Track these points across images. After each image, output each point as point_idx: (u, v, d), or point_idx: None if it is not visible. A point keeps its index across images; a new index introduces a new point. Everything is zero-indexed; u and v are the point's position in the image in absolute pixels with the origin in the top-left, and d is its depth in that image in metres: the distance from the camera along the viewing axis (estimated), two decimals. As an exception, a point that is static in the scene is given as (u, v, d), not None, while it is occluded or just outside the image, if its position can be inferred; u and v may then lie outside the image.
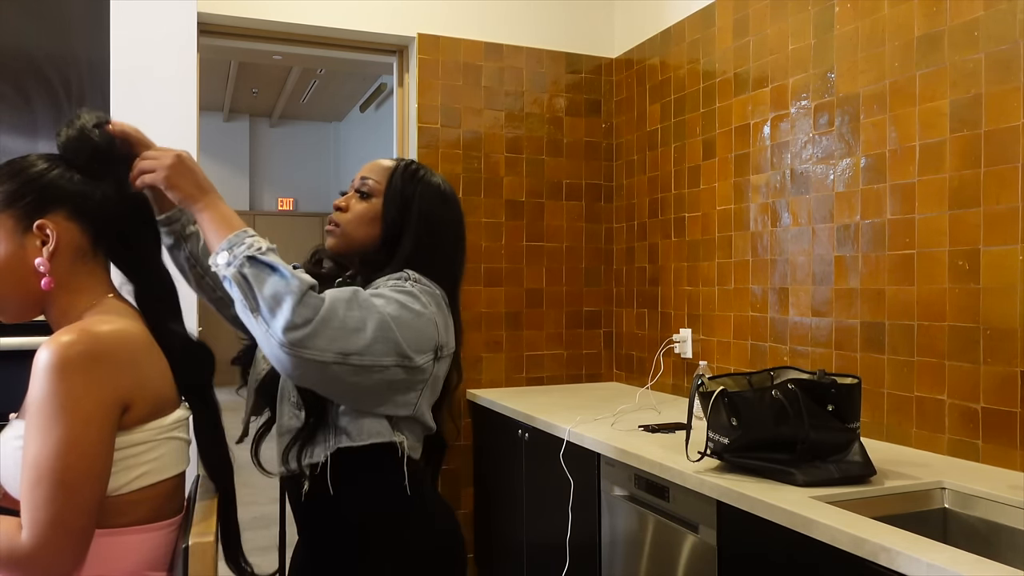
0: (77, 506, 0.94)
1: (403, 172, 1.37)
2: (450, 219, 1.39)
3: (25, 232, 1.06)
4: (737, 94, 2.50)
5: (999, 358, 1.68)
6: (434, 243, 1.34)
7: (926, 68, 1.85)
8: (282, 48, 2.98)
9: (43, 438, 0.94)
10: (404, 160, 1.40)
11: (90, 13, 2.07)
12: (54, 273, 1.06)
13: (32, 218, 1.06)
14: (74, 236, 1.08)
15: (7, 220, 1.06)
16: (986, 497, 1.50)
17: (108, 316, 1.06)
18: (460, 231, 1.41)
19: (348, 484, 1.25)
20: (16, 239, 1.05)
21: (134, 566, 1.04)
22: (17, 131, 2.01)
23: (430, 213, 1.35)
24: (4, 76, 2.00)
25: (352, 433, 1.23)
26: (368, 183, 1.36)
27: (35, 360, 0.96)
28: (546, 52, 3.12)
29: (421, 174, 1.37)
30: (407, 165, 1.38)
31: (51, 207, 1.07)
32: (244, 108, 9.51)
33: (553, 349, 3.13)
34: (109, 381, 0.98)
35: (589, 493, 2.11)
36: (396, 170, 1.37)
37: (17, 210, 1.06)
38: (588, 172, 3.19)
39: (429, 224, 1.34)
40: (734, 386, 1.66)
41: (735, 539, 1.56)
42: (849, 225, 2.07)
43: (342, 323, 1.11)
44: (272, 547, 3.21)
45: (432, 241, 1.34)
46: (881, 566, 1.19)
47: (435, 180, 1.38)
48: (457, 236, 1.40)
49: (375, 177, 1.36)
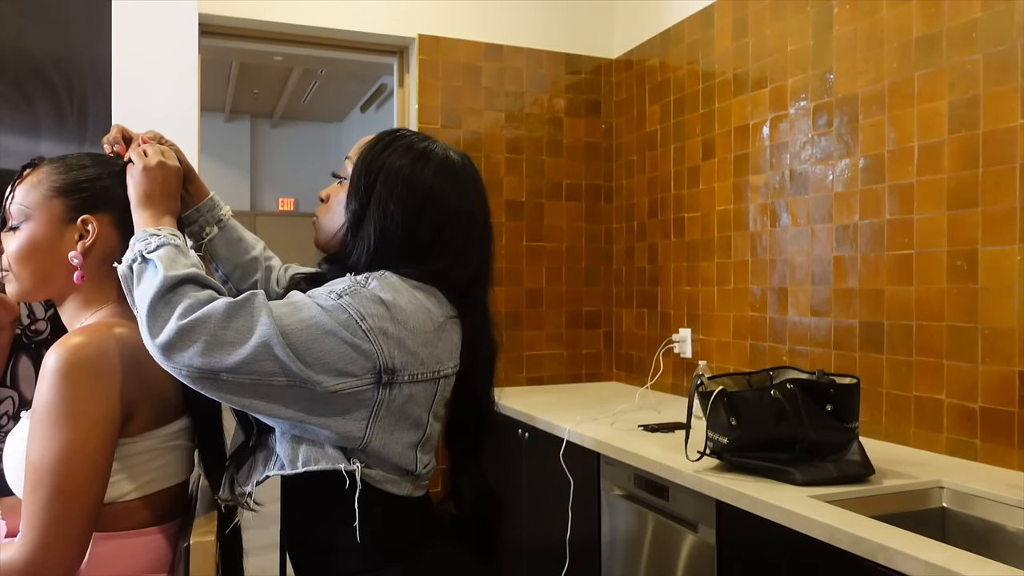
0: (75, 512, 0.94)
1: (375, 142, 1.12)
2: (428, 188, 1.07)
3: (68, 223, 1.09)
4: (736, 95, 2.51)
5: (997, 358, 1.68)
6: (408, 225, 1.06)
7: (924, 69, 1.86)
8: (283, 49, 2.99)
9: (47, 442, 0.94)
10: (389, 129, 1.15)
11: (91, 14, 2.08)
12: (82, 269, 1.08)
13: (80, 212, 1.09)
14: (111, 241, 1.11)
15: (57, 206, 1.09)
16: (984, 496, 1.50)
17: (120, 320, 1.07)
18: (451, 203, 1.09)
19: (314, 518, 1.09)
20: (58, 226, 1.08)
21: (135, 569, 1.04)
22: (18, 131, 2.02)
23: (397, 185, 1.07)
24: (5, 76, 2.00)
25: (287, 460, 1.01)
26: (347, 164, 1.15)
27: (44, 361, 0.97)
28: (546, 53, 3.12)
29: (398, 140, 1.10)
30: (384, 133, 1.13)
31: (101, 208, 1.10)
32: (245, 109, 9.51)
33: (553, 349, 3.13)
34: (116, 386, 0.99)
35: (589, 492, 2.11)
36: (370, 140, 1.13)
37: (70, 200, 1.09)
38: (588, 172, 3.20)
39: (395, 199, 1.06)
40: (733, 386, 1.66)
41: (734, 538, 1.57)
42: (848, 225, 2.07)
43: (211, 334, 0.91)
44: (272, 547, 3.22)
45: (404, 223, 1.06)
46: (880, 565, 1.20)
47: (418, 144, 1.10)
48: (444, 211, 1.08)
49: (353, 155, 1.14)
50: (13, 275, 1.09)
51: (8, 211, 1.09)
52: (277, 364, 0.93)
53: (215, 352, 0.91)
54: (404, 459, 1.05)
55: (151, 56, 2.12)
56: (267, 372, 0.93)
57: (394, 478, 1.06)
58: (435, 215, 1.08)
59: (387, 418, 1.02)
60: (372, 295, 1.00)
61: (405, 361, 1.01)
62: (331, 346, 0.96)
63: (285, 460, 1.02)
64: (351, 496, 1.01)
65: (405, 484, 1.08)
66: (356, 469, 1.01)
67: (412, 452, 1.06)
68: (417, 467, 1.07)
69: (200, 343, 0.91)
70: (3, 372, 1.35)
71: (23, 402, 1.52)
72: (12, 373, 1.52)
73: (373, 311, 0.99)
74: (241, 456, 1.08)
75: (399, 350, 1.00)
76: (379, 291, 1.01)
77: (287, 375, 0.94)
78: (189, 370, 0.92)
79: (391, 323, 1.00)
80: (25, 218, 1.08)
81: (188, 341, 0.91)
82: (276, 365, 0.93)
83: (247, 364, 0.92)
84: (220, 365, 0.92)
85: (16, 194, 1.09)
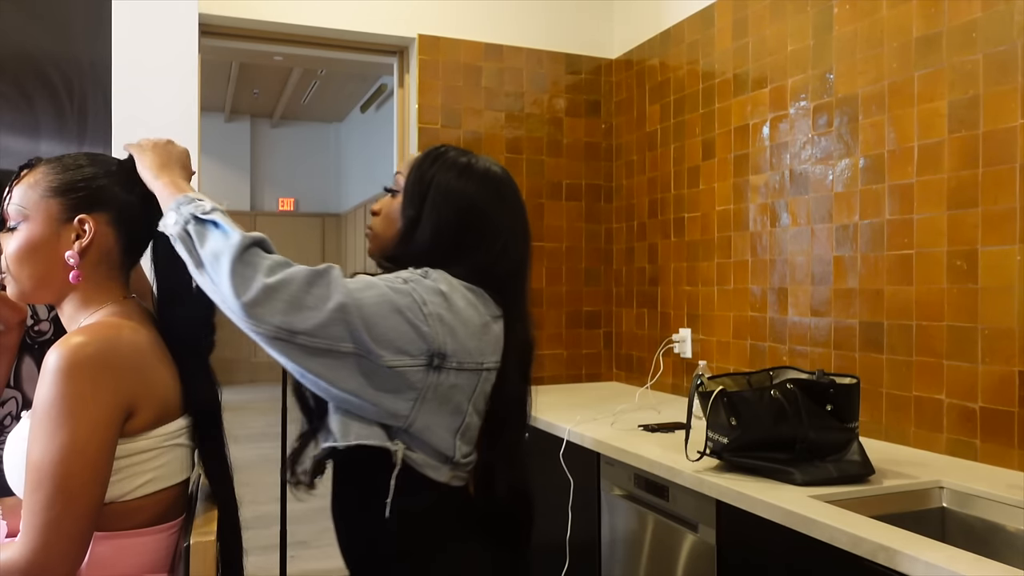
0: (75, 511, 0.94)
1: (423, 158, 1.24)
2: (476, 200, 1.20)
3: (65, 223, 1.09)
4: (736, 95, 2.51)
5: (997, 358, 1.68)
6: (458, 229, 1.18)
7: (924, 69, 1.86)
8: (283, 49, 2.99)
9: (47, 441, 0.94)
10: (435, 146, 1.27)
11: (92, 14, 2.08)
12: (79, 269, 1.08)
13: (77, 212, 1.09)
14: (108, 240, 1.11)
15: (54, 206, 1.08)
16: (984, 496, 1.50)
17: (119, 319, 1.07)
18: (496, 216, 1.21)
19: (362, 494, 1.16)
20: (54, 226, 1.08)
21: (135, 568, 1.04)
22: (18, 131, 2.02)
23: (446, 196, 1.19)
24: (5, 76, 2.01)
25: (339, 434, 1.10)
26: (398, 179, 1.27)
27: (45, 361, 0.97)
28: (546, 53, 3.12)
29: (444, 155, 1.23)
30: (433, 150, 1.26)
31: (98, 208, 1.10)
32: (245, 109, 9.52)
33: (553, 349, 3.14)
34: (117, 386, 0.99)
35: (589, 492, 2.11)
36: (418, 157, 1.25)
37: (67, 200, 1.09)
38: (588, 172, 3.20)
39: (446, 207, 1.19)
40: (733, 386, 1.67)
41: (734, 538, 1.57)
42: (848, 225, 2.07)
43: (293, 296, 1.00)
44: (272, 547, 3.22)
45: (454, 227, 1.18)
46: (880, 565, 1.20)
47: (461, 159, 1.23)
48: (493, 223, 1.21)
49: (404, 170, 1.26)
50: (12, 276, 1.09)
51: (6, 212, 1.09)
52: (347, 330, 1.02)
53: (296, 312, 1.00)
54: (444, 444, 1.13)
55: (151, 56, 2.12)
56: (337, 337, 1.02)
57: (434, 463, 1.13)
58: (478, 220, 1.21)
59: (432, 401, 1.11)
60: (432, 286, 1.12)
61: (455, 348, 1.11)
62: (395, 323, 1.06)
63: (337, 434, 1.10)
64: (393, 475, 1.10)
65: (444, 470, 1.15)
66: (400, 448, 1.10)
67: (452, 438, 1.14)
68: (456, 454, 1.15)
69: (283, 303, 0.99)
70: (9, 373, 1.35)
71: (26, 403, 1.52)
72: (16, 374, 1.52)
73: (433, 299, 1.10)
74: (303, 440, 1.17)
75: (451, 338, 1.10)
76: (438, 283, 1.13)
77: (355, 342, 1.03)
78: (268, 327, 0.99)
79: (447, 311, 1.11)
80: (23, 218, 1.08)
81: (273, 300, 0.99)
82: (346, 331, 1.02)
83: (323, 327, 1.01)
84: (299, 326, 1.00)
85: (13, 195, 1.09)
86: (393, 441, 1.10)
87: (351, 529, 1.20)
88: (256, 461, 5.19)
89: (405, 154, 3.05)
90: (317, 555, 3.74)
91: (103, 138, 2.07)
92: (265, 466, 4.92)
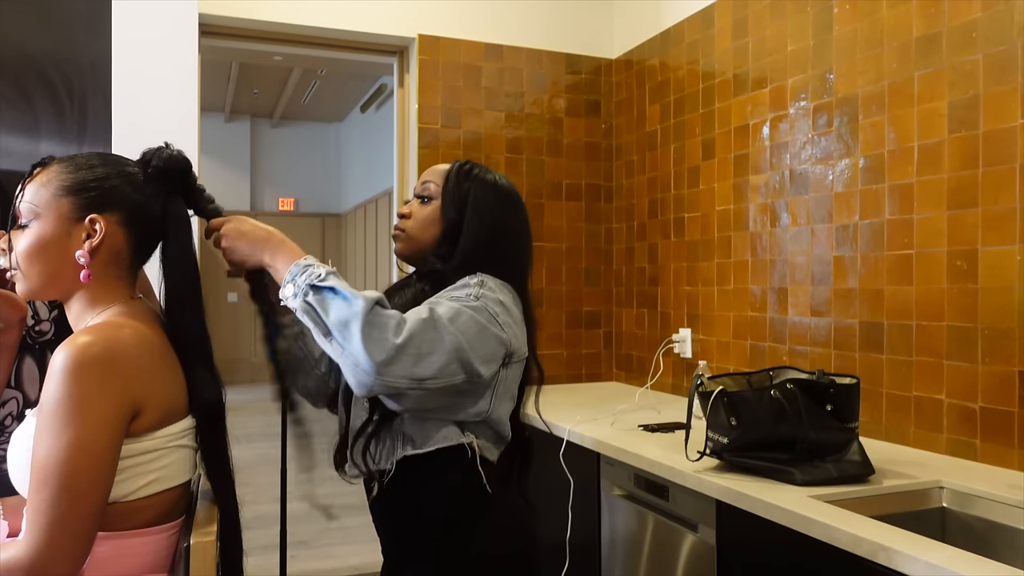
0: (80, 511, 0.94)
1: (457, 172, 1.40)
2: (506, 213, 1.39)
3: (76, 222, 1.08)
4: (736, 95, 2.51)
5: (997, 358, 1.68)
6: (493, 238, 1.35)
7: (924, 69, 1.86)
8: (283, 49, 2.99)
9: (53, 440, 0.94)
10: (459, 161, 1.44)
11: (92, 14, 2.08)
12: (89, 268, 1.08)
13: (88, 211, 1.09)
14: (118, 241, 1.11)
15: (65, 205, 1.08)
16: (984, 496, 1.50)
17: (126, 319, 1.07)
18: (518, 225, 1.41)
19: (417, 488, 1.27)
20: (65, 225, 1.08)
21: (135, 568, 1.05)
22: (18, 131, 2.02)
23: (485, 208, 1.36)
24: (5, 76, 2.01)
25: (417, 440, 1.23)
26: (429, 187, 1.40)
27: (52, 360, 0.97)
28: (546, 53, 3.12)
29: (475, 172, 1.40)
30: (461, 165, 1.42)
31: (109, 208, 1.10)
32: (245, 109, 9.51)
33: (553, 349, 3.14)
34: (123, 386, 0.99)
35: (589, 492, 2.11)
36: (451, 170, 1.40)
37: (79, 199, 1.09)
38: (588, 172, 3.20)
39: (484, 219, 1.35)
40: (733, 386, 1.67)
41: (734, 538, 1.57)
42: (848, 225, 2.07)
43: (417, 348, 1.10)
44: (272, 547, 3.22)
45: (490, 236, 1.35)
46: (880, 565, 1.20)
47: (489, 177, 1.40)
48: (515, 230, 1.41)
49: (434, 180, 1.40)
50: (22, 273, 1.09)
51: (18, 209, 1.09)
52: (460, 365, 1.15)
53: (422, 363, 1.10)
54: (504, 427, 1.31)
55: (151, 56, 2.12)
56: (453, 373, 1.14)
57: (490, 446, 1.30)
58: (507, 235, 1.38)
59: (503, 394, 1.28)
60: (494, 296, 1.25)
61: (518, 345, 1.28)
62: (485, 339, 1.20)
63: (418, 439, 1.23)
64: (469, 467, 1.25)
65: (495, 452, 1.32)
66: (473, 440, 1.26)
67: (508, 420, 1.32)
68: (509, 433, 1.33)
69: (411, 357, 1.09)
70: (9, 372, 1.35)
71: (27, 403, 1.52)
72: (16, 374, 1.52)
73: (498, 309, 1.24)
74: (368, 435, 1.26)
75: (515, 337, 1.27)
76: (495, 292, 1.27)
77: (467, 372, 1.16)
78: (403, 382, 1.09)
79: (508, 316, 1.26)
80: (34, 216, 1.08)
81: (404, 356, 1.08)
82: (460, 366, 1.15)
83: (443, 368, 1.13)
84: (424, 374, 1.11)
85: (26, 192, 1.09)
86: (465, 434, 1.25)
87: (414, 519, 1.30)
88: (256, 461, 5.18)
89: (405, 154, 3.05)
90: (317, 555, 3.74)
91: (103, 138, 2.07)
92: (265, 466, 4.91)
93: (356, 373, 1.08)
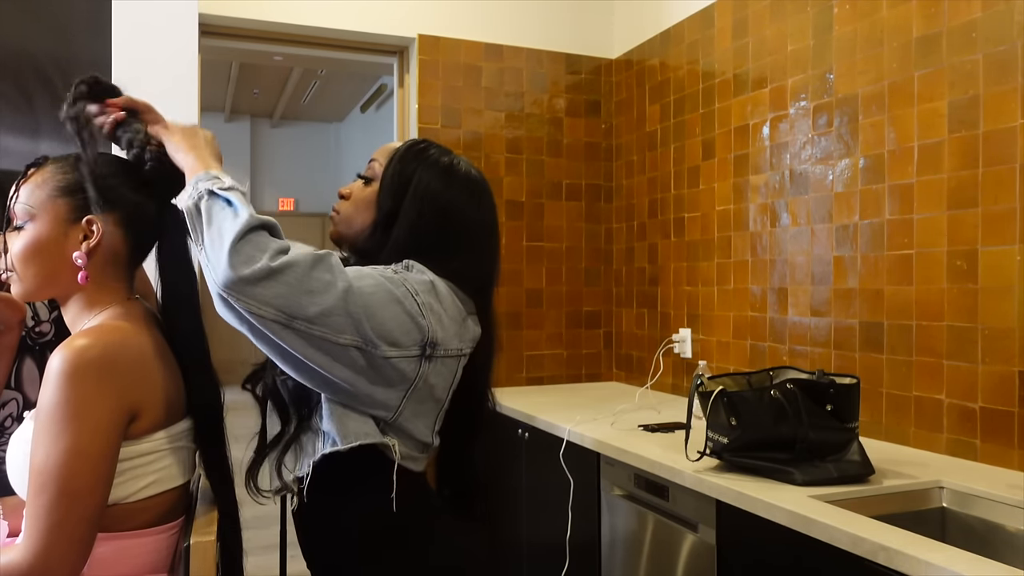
0: (79, 514, 0.94)
1: (405, 151, 1.24)
2: (458, 202, 1.21)
3: (73, 223, 1.08)
4: (736, 95, 2.51)
5: (997, 358, 1.68)
6: (437, 228, 1.18)
7: (924, 69, 1.86)
8: (283, 49, 2.99)
9: (51, 444, 0.94)
10: (414, 139, 1.28)
11: (92, 14, 2.08)
12: (87, 269, 1.07)
13: (85, 212, 1.08)
14: (116, 241, 1.10)
15: (62, 206, 1.08)
16: (984, 496, 1.50)
17: (123, 322, 1.07)
18: (473, 217, 1.22)
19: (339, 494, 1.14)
20: (62, 226, 1.08)
21: (136, 569, 1.05)
22: (18, 131, 2.02)
23: (427, 194, 1.19)
24: (5, 76, 2.00)
25: (337, 436, 1.08)
26: (373, 166, 1.26)
27: (49, 363, 0.96)
28: (546, 53, 3.12)
29: (429, 152, 1.23)
30: (413, 143, 1.26)
31: (105, 208, 1.09)
32: (245, 109, 9.52)
33: (553, 349, 3.14)
34: (121, 389, 0.99)
35: (589, 493, 2.11)
36: (399, 149, 1.25)
37: (74, 200, 1.08)
38: (588, 172, 3.20)
39: (425, 207, 1.18)
40: (733, 386, 1.67)
41: (734, 538, 1.57)
42: (848, 225, 2.07)
43: (298, 280, 0.97)
44: (272, 547, 3.22)
45: (434, 226, 1.18)
46: (880, 565, 1.20)
47: (444, 159, 1.23)
48: (468, 223, 1.22)
49: (380, 159, 1.26)
50: (17, 275, 1.09)
51: (13, 210, 1.08)
52: (350, 320, 1.01)
53: (298, 297, 0.97)
54: (424, 433, 1.14)
55: (151, 56, 2.12)
56: (337, 328, 1.00)
57: (414, 455, 1.14)
58: (457, 222, 1.21)
59: (421, 390, 1.11)
60: (419, 277, 1.12)
61: (443, 337, 1.11)
62: (393, 313, 1.05)
63: (337, 436, 1.08)
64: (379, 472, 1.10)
65: (421, 460, 1.16)
66: (395, 443, 1.10)
67: (431, 427, 1.16)
68: (433, 441, 1.16)
69: (285, 286, 0.96)
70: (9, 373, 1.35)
71: (27, 404, 1.52)
72: (16, 375, 1.52)
73: (422, 289, 1.10)
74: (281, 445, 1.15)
75: (440, 327, 1.11)
76: (424, 274, 1.13)
77: (356, 332, 1.01)
78: (265, 308, 0.95)
79: (436, 301, 1.11)
80: (30, 217, 1.07)
81: (274, 282, 0.96)
82: (348, 321, 1.00)
83: (324, 316, 0.99)
84: (300, 312, 0.97)
85: (21, 193, 1.08)
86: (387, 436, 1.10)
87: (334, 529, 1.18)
88: (256, 461, 5.19)
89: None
90: (317, 555, 3.73)
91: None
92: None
93: (214, 287, 0.96)
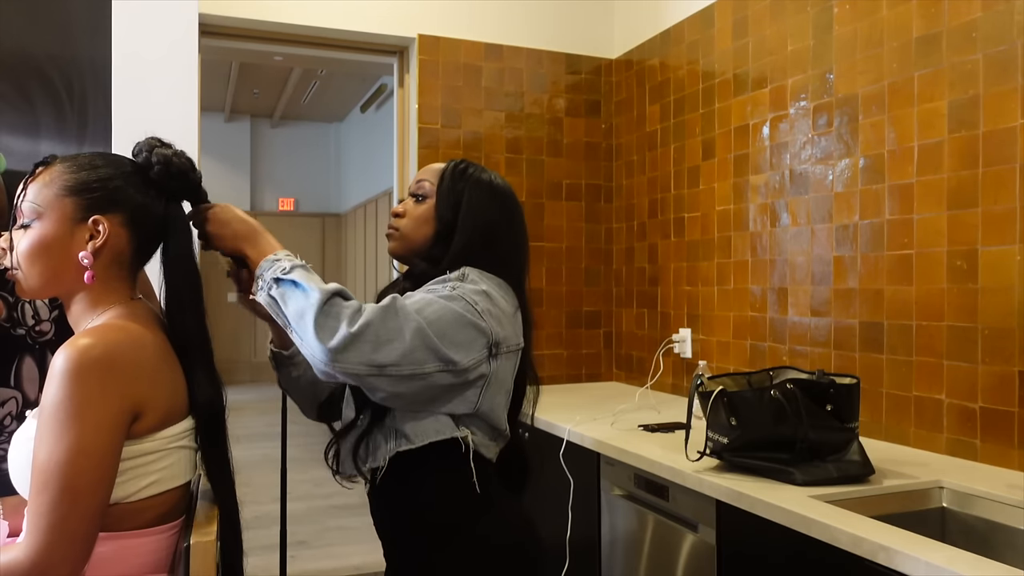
0: (81, 513, 0.94)
1: (452, 171, 1.40)
2: (500, 212, 1.39)
3: (79, 222, 1.08)
4: (736, 95, 2.51)
5: (997, 358, 1.68)
6: (486, 239, 1.35)
7: (924, 69, 1.86)
8: (283, 49, 2.99)
9: (54, 443, 0.94)
10: (455, 160, 1.44)
11: (92, 14, 2.08)
12: (92, 269, 1.08)
13: (91, 212, 1.08)
14: (121, 242, 1.11)
15: (68, 205, 1.08)
16: (984, 496, 1.50)
17: (126, 322, 1.07)
18: (513, 226, 1.41)
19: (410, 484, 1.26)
20: (68, 226, 1.08)
21: (136, 568, 1.05)
22: (19, 131, 2.02)
23: (478, 209, 1.36)
24: (5, 76, 2.01)
25: (410, 435, 1.23)
26: (423, 185, 1.40)
27: (52, 362, 0.97)
28: (546, 53, 3.12)
29: (471, 171, 1.41)
30: (457, 164, 1.42)
31: (112, 208, 1.10)
32: (245, 109, 9.51)
33: (553, 349, 3.14)
34: (124, 388, 0.99)
35: (589, 492, 2.11)
36: (446, 169, 1.41)
37: (82, 199, 1.08)
38: (588, 172, 3.20)
39: (478, 220, 1.35)
40: (733, 386, 1.67)
41: (734, 538, 1.57)
42: (848, 225, 2.07)
43: (376, 335, 1.11)
44: (273, 547, 3.22)
45: (483, 238, 1.35)
46: (880, 565, 1.20)
47: (484, 177, 1.41)
48: (510, 231, 1.40)
49: (428, 179, 1.41)
50: (22, 273, 1.09)
51: (20, 209, 1.09)
52: (428, 352, 1.15)
53: (381, 349, 1.11)
54: (500, 421, 1.29)
55: (151, 56, 2.12)
56: (420, 361, 1.14)
57: (488, 442, 1.29)
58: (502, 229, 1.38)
59: (493, 384, 1.26)
60: (474, 288, 1.25)
61: (504, 335, 1.26)
62: (460, 327, 1.19)
63: (410, 434, 1.22)
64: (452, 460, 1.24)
65: (494, 447, 1.31)
66: (468, 434, 1.25)
67: (504, 414, 1.30)
68: (506, 429, 1.30)
69: (368, 343, 1.10)
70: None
71: (27, 403, 1.52)
72: (16, 374, 1.52)
73: (478, 298, 1.24)
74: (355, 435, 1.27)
75: (500, 327, 1.25)
76: (478, 283, 1.27)
77: (436, 358, 1.16)
78: (358, 367, 1.10)
79: (492, 305, 1.25)
80: (36, 216, 1.07)
81: (359, 343, 1.10)
82: (427, 353, 1.15)
83: (406, 356, 1.13)
84: (386, 360, 1.12)
85: (28, 192, 1.09)
86: (460, 428, 1.24)
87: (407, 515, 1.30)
88: (256, 461, 5.19)
89: (405, 154, 3.05)
90: (317, 555, 3.74)
91: (103, 138, 2.07)
92: (265, 466, 4.91)
93: (313, 361, 1.11)
